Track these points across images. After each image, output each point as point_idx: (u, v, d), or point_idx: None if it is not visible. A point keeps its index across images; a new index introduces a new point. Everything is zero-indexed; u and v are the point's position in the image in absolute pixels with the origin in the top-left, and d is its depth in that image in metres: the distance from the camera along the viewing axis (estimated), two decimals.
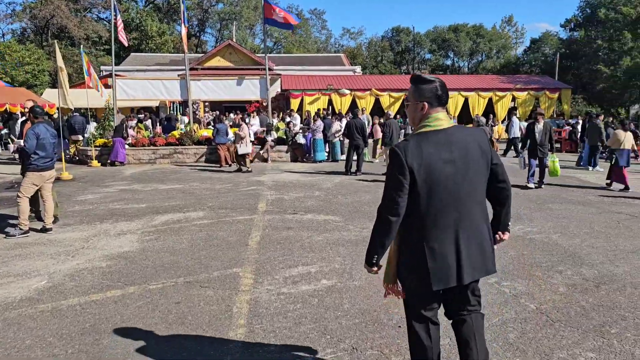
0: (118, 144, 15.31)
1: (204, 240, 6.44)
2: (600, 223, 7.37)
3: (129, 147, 15.99)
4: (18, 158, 9.42)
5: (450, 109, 25.64)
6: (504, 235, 2.78)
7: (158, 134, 17.48)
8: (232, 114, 21.76)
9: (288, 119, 18.65)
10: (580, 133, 16.85)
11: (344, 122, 16.16)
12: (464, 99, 26.80)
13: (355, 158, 13.12)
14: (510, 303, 4.28)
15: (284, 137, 16.90)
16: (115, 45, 19.31)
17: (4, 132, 20.86)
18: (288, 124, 17.51)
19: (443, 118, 2.53)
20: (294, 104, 25.35)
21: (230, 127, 16.42)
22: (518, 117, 22.19)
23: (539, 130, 10.43)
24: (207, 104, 24.04)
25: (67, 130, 16.95)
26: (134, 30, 47.07)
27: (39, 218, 7.32)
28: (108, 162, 15.40)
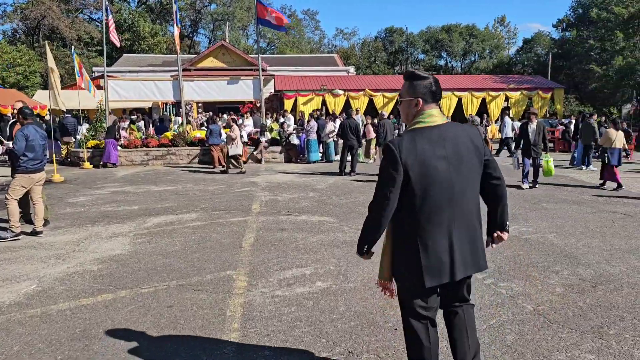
0: (110, 146, 15.21)
1: (197, 243, 6.36)
2: (595, 222, 7.36)
3: (122, 148, 15.88)
4: (8, 160, 9.29)
5: (444, 109, 25.63)
6: (503, 235, 2.73)
7: (151, 135, 17.36)
8: (225, 115, 21.66)
9: (282, 120, 18.60)
10: (573, 132, 16.88)
11: (338, 122, 16.12)
12: (458, 99, 26.83)
13: (350, 158, 13.08)
14: (507, 304, 4.23)
15: (278, 137, 16.83)
16: (108, 46, 19.20)
17: None
18: (282, 125, 17.45)
19: (436, 114, 2.52)
20: (288, 105, 25.27)
21: (224, 128, 16.33)
22: (511, 117, 22.26)
23: (533, 130, 10.42)
24: (200, 105, 23.92)
25: (59, 132, 16.83)
26: (127, 31, 46.87)
27: (29, 221, 7.21)
28: (100, 163, 15.28)
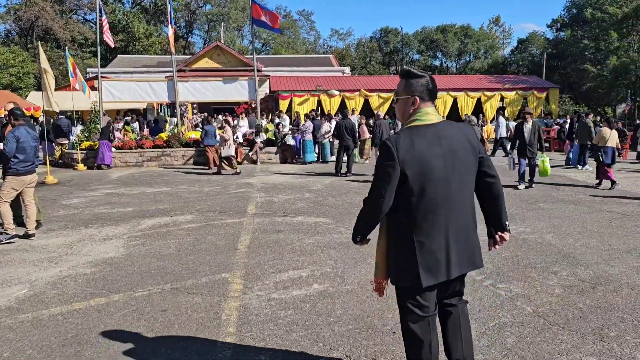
0: (104, 147, 15.10)
1: (192, 245, 6.28)
2: (593, 222, 7.32)
3: (116, 149, 15.76)
4: None
5: (439, 109, 25.61)
6: (505, 235, 2.69)
7: (145, 136, 17.25)
8: (220, 116, 21.56)
9: (277, 120, 18.52)
10: (568, 132, 16.87)
11: (334, 123, 16.05)
12: (453, 99, 26.83)
13: (345, 159, 13.02)
14: (507, 306, 4.18)
15: (273, 138, 16.75)
16: (102, 47, 19.09)
17: None
18: (277, 125, 17.37)
19: (432, 113, 2.51)
20: (283, 105, 25.20)
21: (219, 128, 16.24)
22: (506, 117, 22.27)
23: (528, 130, 10.39)
24: (195, 106, 23.81)
25: (52, 133, 16.71)
26: (121, 32, 46.62)
27: (21, 224, 7.11)
28: (95, 165, 15.17)
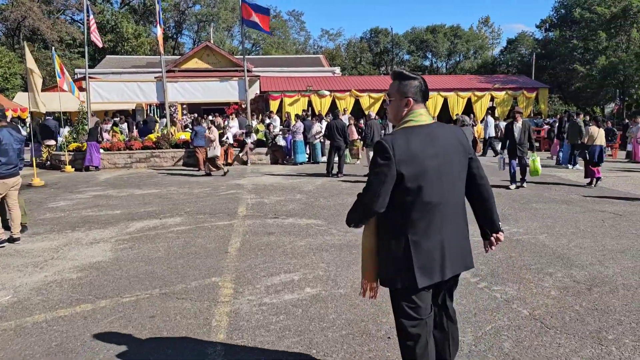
0: (92, 148, 14.89)
1: (181, 248, 6.16)
2: (586, 222, 7.29)
3: (104, 151, 15.56)
4: None
5: (430, 109, 25.59)
6: (500, 236, 2.69)
7: (134, 138, 17.05)
8: (210, 116, 21.40)
9: (268, 121, 18.38)
10: (557, 131, 16.92)
11: (324, 123, 15.97)
12: (443, 99, 26.82)
13: (337, 159, 12.94)
14: (503, 309, 4.11)
15: (264, 139, 16.63)
16: (90, 48, 18.84)
17: None
18: (268, 126, 17.25)
19: (425, 114, 2.51)
20: (274, 106, 25.03)
21: (208, 129, 16.08)
22: (496, 116, 22.30)
23: (518, 129, 10.35)
24: (185, 107, 23.60)
25: (40, 134, 16.45)
26: (110, 33, 46.24)
27: (6, 227, 6.94)
28: (83, 167, 14.95)
